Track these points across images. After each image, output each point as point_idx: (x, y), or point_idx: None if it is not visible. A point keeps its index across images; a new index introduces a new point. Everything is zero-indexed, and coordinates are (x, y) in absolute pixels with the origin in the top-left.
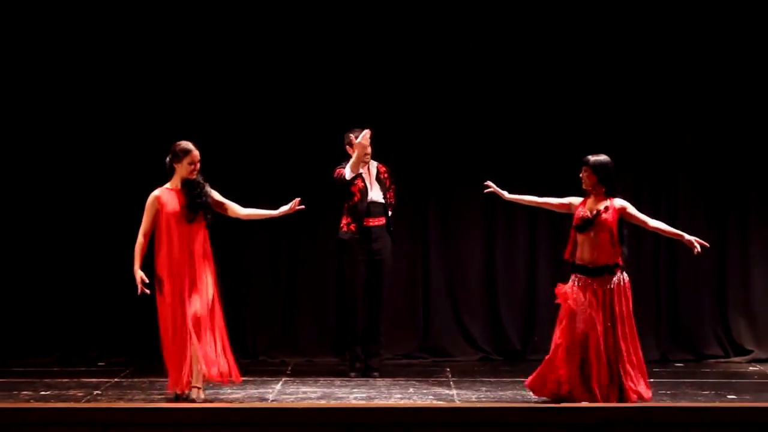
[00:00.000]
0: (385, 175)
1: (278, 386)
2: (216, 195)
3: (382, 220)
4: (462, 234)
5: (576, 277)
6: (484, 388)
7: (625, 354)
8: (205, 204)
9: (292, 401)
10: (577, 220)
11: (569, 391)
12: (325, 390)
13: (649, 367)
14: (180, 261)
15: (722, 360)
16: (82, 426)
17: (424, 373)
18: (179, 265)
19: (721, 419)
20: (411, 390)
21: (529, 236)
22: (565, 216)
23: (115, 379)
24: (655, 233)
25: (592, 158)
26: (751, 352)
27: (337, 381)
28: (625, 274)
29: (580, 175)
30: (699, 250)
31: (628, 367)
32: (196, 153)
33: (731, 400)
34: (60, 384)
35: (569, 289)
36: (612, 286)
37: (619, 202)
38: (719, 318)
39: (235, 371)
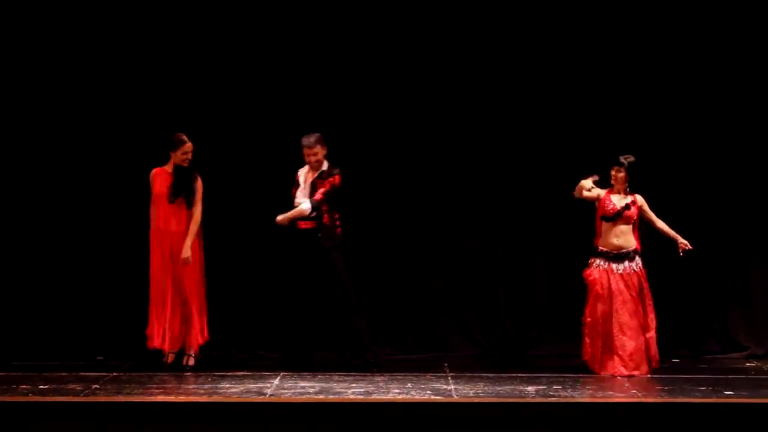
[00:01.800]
0: (320, 179)
1: (276, 381)
2: (198, 188)
3: (309, 224)
4: (461, 229)
5: (599, 261)
6: (482, 384)
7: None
8: (186, 190)
9: (290, 396)
10: (606, 211)
11: (585, 361)
12: (323, 385)
13: None
14: (163, 234)
15: (719, 356)
16: (80, 420)
17: (422, 368)
18: (162, 238)
19: (718, 415)
20: (409, 385)
21: (528, 232)
22: (562, 213)
23: (114, 374)
24: (657, 232)
25: (626, 160)
26: (748, 348)
27: (335, 376)
28: (640, 259)
29: (612, 172)
30: (685, 247)
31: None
32: (188, 145)
33: (728, 396)
34: (58, 378)
35: (596, 274)
36: (635, 268)
37: (640, 199)
38: (716, 314)
39: (196, 340)
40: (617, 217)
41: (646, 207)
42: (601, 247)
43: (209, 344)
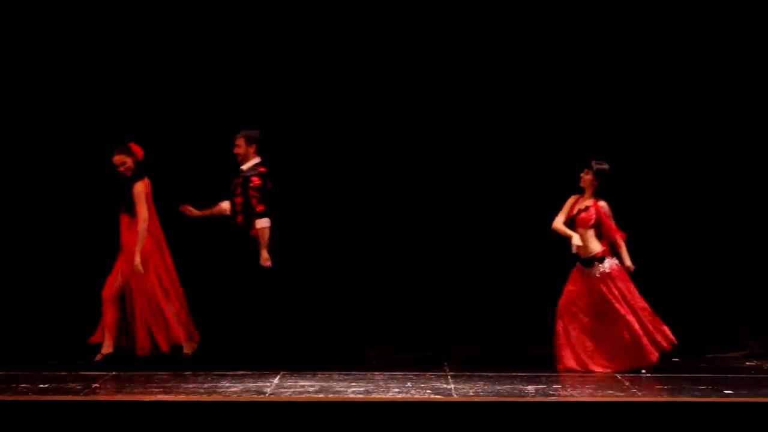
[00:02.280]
0: (238, 180)
1: (276, 380)
2: (136, 195)
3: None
4: (462, 230)
5: (577, 265)
6: (481, 383)
7: (631, 324)
8: (124, 200)
9: (290, 395)
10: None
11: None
12: (323, 384)
13: None
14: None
15: (719, 355)
16: (80, 419)
17: (422, 367)
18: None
19: (718, 414)
20: (409, 384)
21: (526, 232)
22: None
23: (113, 373)
24: (657, 232)
25: (595, 165)
26: (747, 347)
27: (335, 375)
28: (609, 262)
29: (581, 174)
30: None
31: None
32: (114, 158)
33: (728, 395)
34: (58, 377)
35: (569, 276)
36: (598, 274)
37: (602, 204)
38: (716, 313)
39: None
40: (572, 222)
41: (607, 215)
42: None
43: (204, 344)
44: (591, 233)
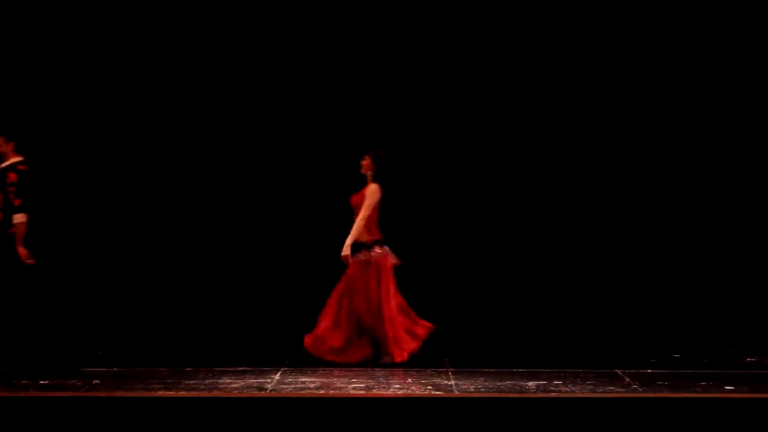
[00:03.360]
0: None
1: (277, 376)
2: None
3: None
4: (461, 225)
5: None
6: (482, 379)
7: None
8: None
9: (291, 391)
10: None
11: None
12: (323, 380)
13: (648, 359)
14: None
15: (720, 351)
16: (81, 415)
17: (423, 363)
18: None
19: (719, 410)
20: (409, 380)
21: (524, 232)
22: (553, 215)
23: (114, 369)
24: (659, 229)
25: (372, 151)
26: (749, 343)
27: (336, 371)
28: (375, 251)
29: (361, 162)
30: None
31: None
32: None
33: (729, 391)
34: (59, 373)
35: None
36: (358, 260)
37: (370, 187)
38: (717, 309)
39: None
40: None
41: (367, 198)
42: None
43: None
44: (360, 218)
